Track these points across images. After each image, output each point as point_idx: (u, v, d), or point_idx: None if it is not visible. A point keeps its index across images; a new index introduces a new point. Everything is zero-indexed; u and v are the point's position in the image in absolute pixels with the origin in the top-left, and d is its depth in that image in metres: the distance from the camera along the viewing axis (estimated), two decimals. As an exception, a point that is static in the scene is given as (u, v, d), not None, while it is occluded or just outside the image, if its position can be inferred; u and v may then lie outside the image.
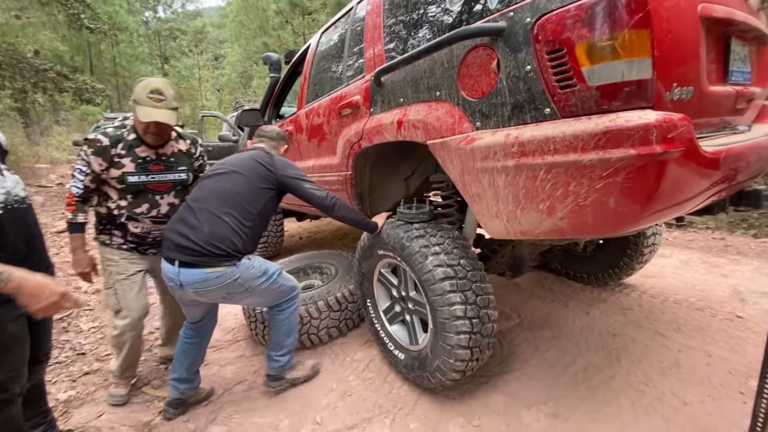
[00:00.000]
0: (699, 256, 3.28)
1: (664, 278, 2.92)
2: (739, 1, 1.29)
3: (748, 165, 1.21)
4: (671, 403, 1.66)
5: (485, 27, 1.20)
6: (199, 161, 2.00)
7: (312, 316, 2.30)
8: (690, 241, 3.66)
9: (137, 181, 1.76)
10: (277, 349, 1.91)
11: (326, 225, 5.86)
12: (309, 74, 2.66)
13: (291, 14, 14.84)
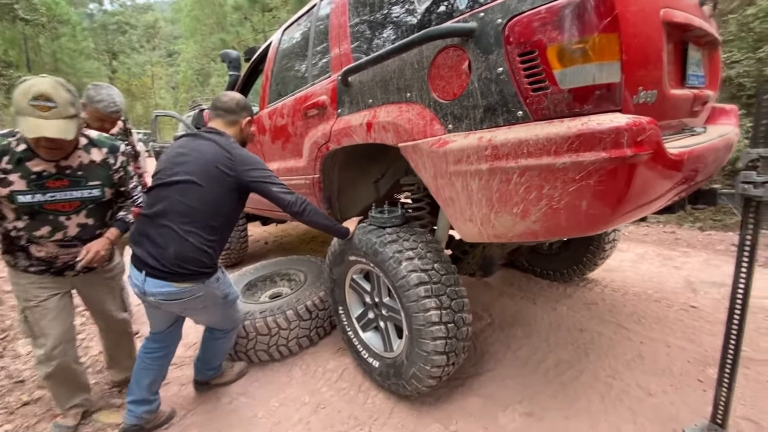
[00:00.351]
0: (653, 250, 3.48)
1: (623, 272, 3.06)
2: (696, 8, 1.34)
3: (706, 165, 1.27)
4: (637, 395, 1.72)
5: (455, 27, 1.18)
6: (119, 173, 1.66)
7: (281, 327, 2.20)
8: (644, 235, 3.87)
9: (31, 201, 1.44)
10: (204, 363, 1.97)
11: (293, 228, 5.70)
12: (271, 73, 2.55)
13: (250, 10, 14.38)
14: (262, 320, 2.18)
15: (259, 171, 1.58)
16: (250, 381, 2.12)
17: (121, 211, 1.74)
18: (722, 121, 1.68)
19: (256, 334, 2.19)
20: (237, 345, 2.22)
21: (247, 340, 2.20)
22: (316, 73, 2.03)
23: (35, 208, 1.47)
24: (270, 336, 2.20)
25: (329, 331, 2.45)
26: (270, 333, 2.20)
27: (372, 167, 2.19)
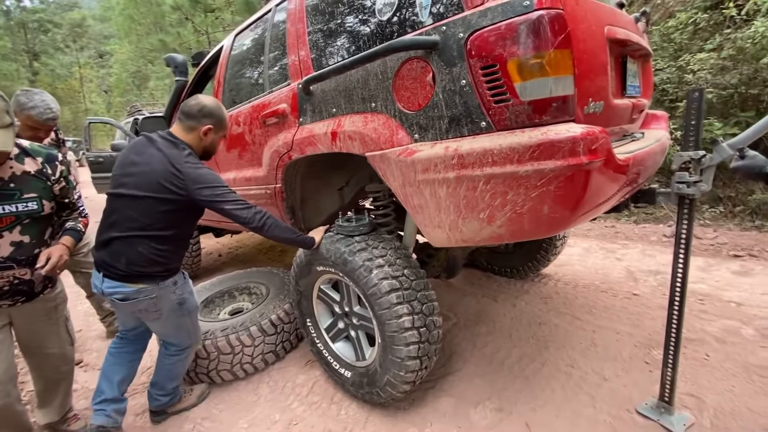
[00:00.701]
0: (597, 244, 3.77)
1: (572, 266, 3.28)
2: (632, 24, 1.48)
3: (647, 168, 1.40)
4: (593, 381, 1.85)
5: (419, 40, 1.20)
6: (60, 184, 1.53)
7: (245, 344, 2.11)
8: (588, 230, 4.18)
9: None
10: (158, 389, 1.85)
11: (248, 239, 5.48)
12: (224, 79, 2.44)
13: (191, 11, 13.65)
14: (224, 339, 2.07)
15: (211, 189, 1.50)
16: (214, 403, 2.01)
17: (69, 222, 1.63)
18: (655, 126, 1.86)
19: (218, 354, 2.08)
20: (197, 367, 2.10)
21: (209, 360, 2.08)
22: (274, 80, 1.98)
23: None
24: (233, 354, 2.10)
25: (296, 345, 2.39)
26: (233, 351, 2.10)
27: (335, 175, 2.17)
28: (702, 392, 1.70)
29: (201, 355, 2.07)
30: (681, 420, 1.55)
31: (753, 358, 1.88)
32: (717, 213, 3.96)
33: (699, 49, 4.45)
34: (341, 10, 1.59)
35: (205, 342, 2.06)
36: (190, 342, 1.81)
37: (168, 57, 3.02)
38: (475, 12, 1.12)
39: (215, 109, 1.63)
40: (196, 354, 2.06)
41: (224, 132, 1.71)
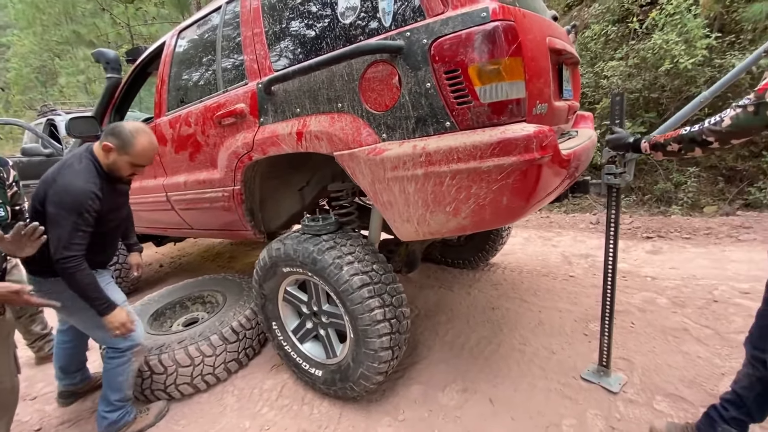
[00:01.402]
0: (535, 233, 4.12)
1: (516, 254, 3.57)
2: (566, 36, 1.68)
3: (582, 162, 1.60)
4: (544, 355, 2.05)
5: (385, 44, 1.27)
6: (13, 188, 1.48)
7: (205, 354, 2.02)
8: (527, 221, 4.56)
9: None
10: (104, 404, 1.76)
11: (191, 246, 5.18)
12: (168, 77, 2.30)
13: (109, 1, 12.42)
14: (182, 350, 1.98)
15: (57, 207, 1.48)
16: (175, 420, 1.91)
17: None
18: (584, 125, 2.12)
19: (177, 367, 1.97)
20: (153, 383, 1.97)
21: (166, 375, 1.97)
22: (229, 80, 1.92)
23: None
24: (193, 366, 2.01)
25: (258, 351, 2.34)
26: (193, 363, 2.00)
27: (296, 176, 2.16)
28: (631, 355, 1.97)
29: (157, 370, 1.95)
30: (617, 380, 1.79)
31: (668, 322, 2.21)
32: (631, 201, 4.54)
33: (610, 58, 5.05)
34: (302, 11, 1.60)
35: (161, 356, 1.95)
36: (119, 343, 1.68)
37: (97, 53, 2.77)
38: (437, 20, 1.21)
39: (126, 133, 1.60)
40: (151, 369, 1.93)
41: (132, 159, 1.62)
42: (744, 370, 1.29)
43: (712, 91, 1.46)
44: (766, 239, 3.19)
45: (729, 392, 1.33)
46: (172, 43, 2.32)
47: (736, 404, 1.29)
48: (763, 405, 1.26)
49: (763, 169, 4.10)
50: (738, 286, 2.51)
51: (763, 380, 1.22)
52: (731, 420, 1.29)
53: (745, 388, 1.27)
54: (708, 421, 1.36)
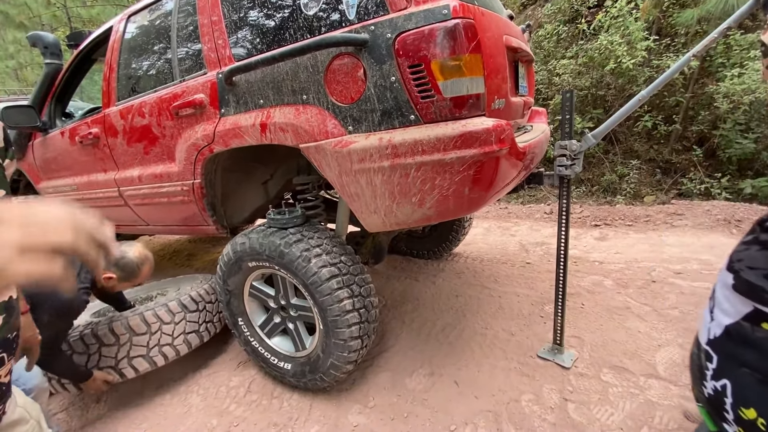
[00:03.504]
0: (494, 223, 4.31)
1: (477, 244, 3.72)
2: (521, 34, 1.77)
3: (537, 155, 1.70)
4: (504, 338, 2.18)
5: (350, 37, 1.28)
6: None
7: (163, 321, 1.92)
8: (486, 212, 4.74)
9: None
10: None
11: (146, 244, 4.91)
12: (117, 65, 2.17)
13: (42, -22, 11.30)
14: (137, 317, 1.86)
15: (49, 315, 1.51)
16: (136, 424, 1.85)
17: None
18: (538, 120, 2.24)
19: (130, 335, 1.84)
20: (101, 358, 1.80)
21: (118, 345, 1.81)
22: (186, 69, 1.85)
23: None
24: (150, 334, 1.87)
25: (219, 330, 2.26)
26: (150, 330, 1.87)
27: (259, 169, 2.12)
28: (581, 333, 2.14)
29: (107, 340, 1.80)
30: (569, 356, 1.94)
31: (613, 302, 2.41)
32: (581, 192, 4.85)
33: (562, 56, 5.33)
34: (263, 0, 1.57)
35: (113, 324, 1.82)
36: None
37: (33, 36, 2.54)
38: (400, 15, 1.24)
39: (132, 266, 1.75)
40: (99, 341, 1.80)
41: (131, 285, 1.82)
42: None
43: (649, 90, 1.60)
44: (696, 225, 3.54)
45: None
46: (121, 28, 2.18)
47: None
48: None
49: (694, 162, 4.54)
50: (672, 267, 2.78)
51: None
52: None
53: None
54: None
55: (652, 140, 4.90)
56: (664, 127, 4.71)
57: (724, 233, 3.34)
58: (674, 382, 1.74)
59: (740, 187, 4.12)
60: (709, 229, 3.42)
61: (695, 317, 2.18)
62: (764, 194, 3.98)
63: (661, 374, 1.80)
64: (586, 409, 1.65)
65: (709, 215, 3.62)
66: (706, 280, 2.55)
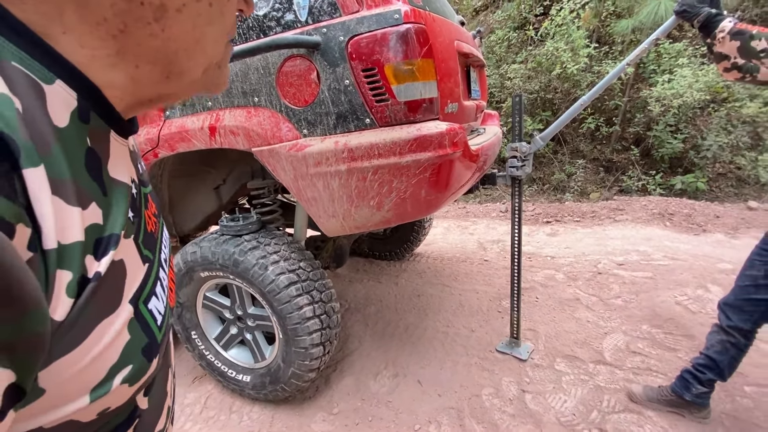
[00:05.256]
0: (454, 223, 4.42)
1: (437, 243, 3.79)
2: (472, 40, 1.82)
3: (490, 156, 1.76)
4: (465, 334, 2.23)
5: (302, 39, 1.25)
6: None
7: None
8: (446, 212, 4.85)
9: None
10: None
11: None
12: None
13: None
14: None
15: None
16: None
17: None
18: (491, 123, 2.32)
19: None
20: None
21: None
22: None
23: None
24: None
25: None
26: None
27: (211, 173, 2.03)
28: (536, 326, 2.24)
29: None
30: (526, 349, 2.03)
31: (564, 294, 2.55)
32: (533, 191, 5.10)
33: (513, 61, 5.57)
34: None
35: None
36: None
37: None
38: (352, 18, 1.23)
39: None
40: None
41: None
42: (717, 337, 1.46)
43: (590, 95, 1.71)
44: (635, 219, 3.83)
45: (702, 357, 1.50)
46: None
47: (711, 367, 1.46)
48: (734, 366, 1.46)
49: (632, 161, 4.91)
50: (615, 259, 2.99)
51: (737, 345, 1.42)
52: (707, 381, 1.47)
53: (719, 353, 1.44)
54: (683, 383, 1.52)
55: (595, 141, 5.24)
56: (606, 128, 5.06)
57: (659, 226, 3.64)
58: (619, 366, 1.87)
59: (672, 183, 4.52)
60: (646, 223, 3.71)
61: (636, 305, 2.36)
62: (692, 189, 4.39)
63: (607, 360, 1.92)
64: (542, 399, 1.73)
65: (646, 210, 3.93)
66: (645, 270, 2.77)
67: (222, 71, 0.38)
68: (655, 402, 1.59)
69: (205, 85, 0.37)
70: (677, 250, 3.07)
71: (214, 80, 0.38)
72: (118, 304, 0.30)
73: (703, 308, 2.25)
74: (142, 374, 0.32)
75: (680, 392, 1.52)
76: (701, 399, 1.50)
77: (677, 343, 2.00)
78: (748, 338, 1.41)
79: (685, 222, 3.64)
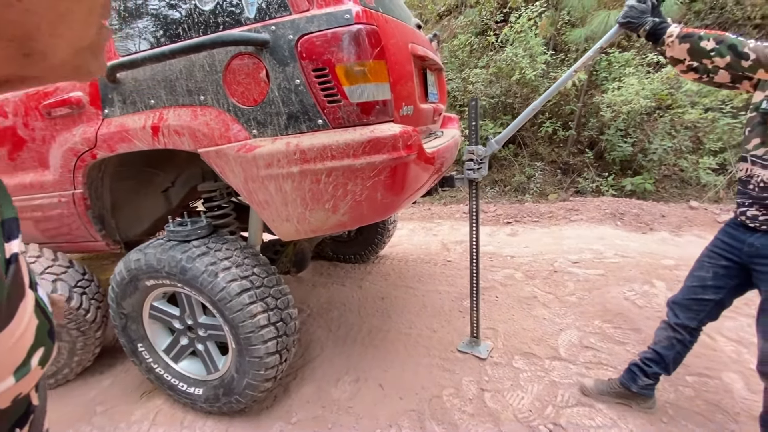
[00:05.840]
0: (418, 224, 4.45)
1: (402, 245, 3.80)
2: (428, 43, 1.83)
3: (447, 159, 1.77)
4: (427, 335, 2.24)
5: (249, 37, 1.20)
6: None
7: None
8: (411, 214, 4.88)
9: None
10: None
11: (28, 264, 4.18)
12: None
13: None
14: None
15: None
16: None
17: None
18: (450, 126, 2.35)
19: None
20: None
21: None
22: (59, 62, 1.59)
23: None
24: None
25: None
26: None
27: (159, 175, 1.92)
28: (496, 324, 2.29)
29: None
30: (485, 348, 2.06)
31: (522, 293, 2.63)
32: (495, 192, 5.24)
33: (475, 66, 5.71)
34: (150, -11, 1.41)
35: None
36: None
37: None
38: (302, 17, 1.20)
39: None
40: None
41: None
42: (665, 334, 1.52)
43: (540, 100, 1.75)
44: (589, 219, 4.02)
45: (649, 351, 1.56)
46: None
47: (657, 361, 1.53)
48: (678, 361, 1.54)
49: (587, 164, 5.15)
50: (570, 257, 3.11)
51: (683, 342, 1.49)
52: (652, 374, 1.54)
53: (666, 348, 1.51)
54: (630, 376, 1.58)
55: (553, 144, 5.46)
56: (563, 132, 5.28)
57: (611, 225, 3.84)
58: (573, 361, 1.94)
59: (623, 184, 4.78)
60: (599, 222, 3.91)
61: (589, 301, 2.46)
62: (641, 190, 4.66)
63: (562, 355, 1.99)
64: (500, 397, 1.76)
65: (599, 210, 4.14)
66: (597, 268, 2.90)
67: (97, 59, 0.35)
68: (605, 395, 1.66)
69: (76, 70, 0.34)
70: (627, 248, 3.25)
71: (86, 66, 0.34)
72: (24, 288, 0.32)
73: (648, 303, 2.39)
74: (50, 356, 0.34)
75: (627, 384, 1.59)
76: (647, 390, 1.57)
77: (626, 337, 2.10)
78: (693, 336, 1.50)
79: (634, 221, 3.86)
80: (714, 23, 5.14)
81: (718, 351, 1.94)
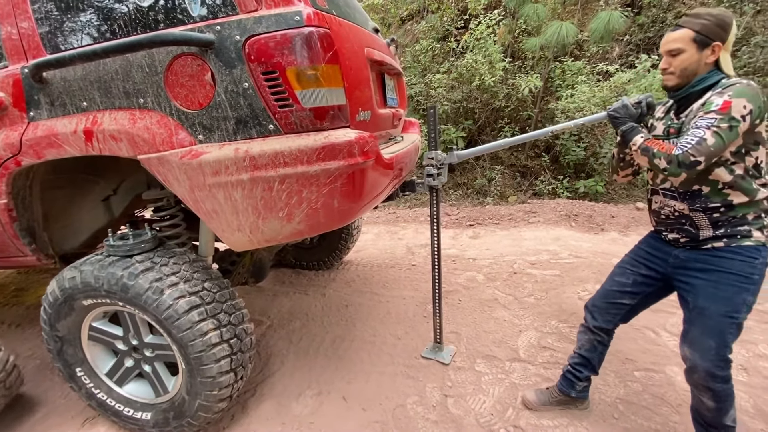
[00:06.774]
0: (384, 228, 4.43)
1: (368, 250, 3.77)
2: (386, 48, 1.81)
3: (407, 164, 1.76)
4: (391, 342, 2.21)
5: (192, 36, 1.13)
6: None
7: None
8: (377, 218, 4.86)
9: None
10: None
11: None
12: None
13: None
14: None
15: None
16: None
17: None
18: (411, 131, 2.35)
19: None
20: None
21: None
22: (-24, 59, 1.43)
23: None
24: None
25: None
26: None
27: (97, 183, 1.77)
28: (459, 328, 2.30)
29: None
30: (448, 352, 2.06)
31: (484, 295, 2.67)
32: (458, 195, 5.33)
33: (437, 71, 5.79)
34: (81, -18, 1.30)
35: None
36: None
37: None
38: (249, 17, 1.14)
39: None
40: None
41: None
42: (586, 337, 1.58)
43: (512, 140, 1.73)
44: (546, 221, 4.18)
45: (576, 356, 1.62)
46: None
47: (585, 365, 1.60)
48: (602, 360, 1.61)
49: (544, 167, 5.37)
50: (528, 259, 3.21)
51: (603, 343, 1.56)
52: (585, 378, 1.60)
53: (589, 351, 1.58)
54: (568, 383, 1.63)
55: (512, 148, 5.64)
56: (521, 136, 5.47)
57: (566, 226, 4.00)
58: (532, 362, 1.98)
59: (576, 186, 5.01)
60: (555, 224, 4.06)
61: (546, 302, 2.54)
62: (593, 192, 4.91)
63: (522, 357, 2.03)
64: (463, 402, 1.76)
65: (555, 211, 4.31)
66: (554, 269, 3.00)
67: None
68: (547, 405, 1.68)
69: None
70: (580, 248, 3.40)
71: None
72: None
73: (601, 300, 2.50)
74: None
75: (567, 391, 1.65)
76: (584, 393, 1.65)
77: (581, 335, 2.18)
78: (610, 336, 1.58)
79: (587, 222, 4.05)
80: (656, 35, 5.54)
81: (662, 345, 2.06)
